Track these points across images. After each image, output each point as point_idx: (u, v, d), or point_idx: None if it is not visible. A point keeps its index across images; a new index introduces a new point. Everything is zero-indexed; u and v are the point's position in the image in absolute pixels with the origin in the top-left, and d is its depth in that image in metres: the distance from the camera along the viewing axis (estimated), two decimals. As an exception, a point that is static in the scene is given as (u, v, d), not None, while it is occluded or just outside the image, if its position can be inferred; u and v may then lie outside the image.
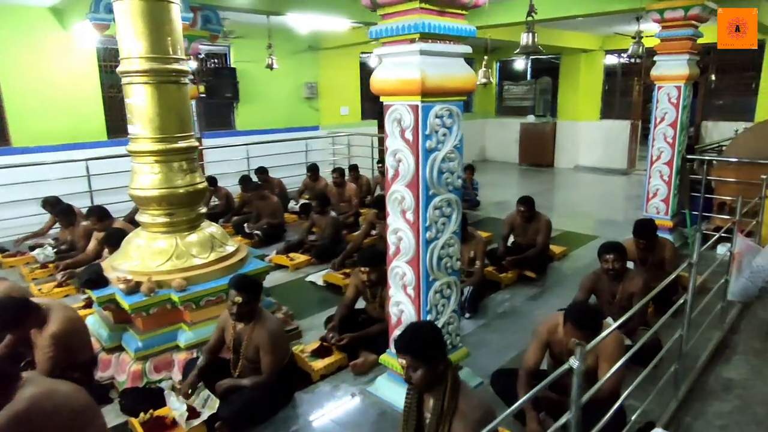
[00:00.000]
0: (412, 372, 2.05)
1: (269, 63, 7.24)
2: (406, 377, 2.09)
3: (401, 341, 2.10)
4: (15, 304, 2.95)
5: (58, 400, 2.37)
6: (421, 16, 2.53)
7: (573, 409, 1.85)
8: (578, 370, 1.79)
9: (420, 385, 2.07)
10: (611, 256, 3.55)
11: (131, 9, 3.34)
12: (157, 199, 3.56)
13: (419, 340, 2.08)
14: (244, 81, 9.02)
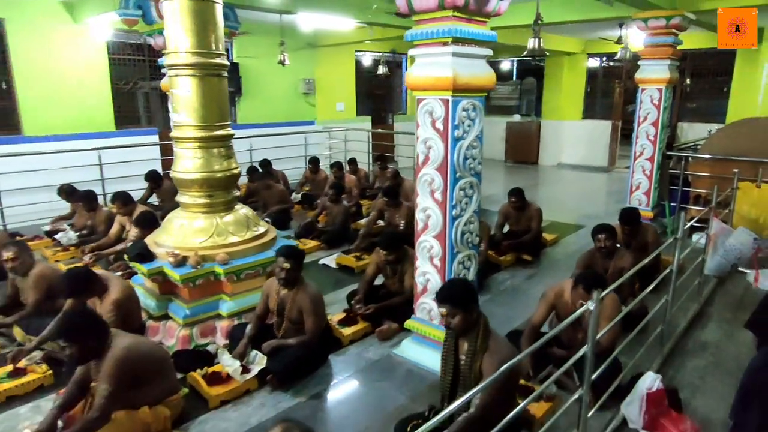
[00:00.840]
0: (451, 318, 2.46)
1: (281, 59, 7.57)
2: (446, 323, 2.50)
3: (442, 293, 2.51)
4: (84, 274, 3.27)
5: (145, 349, 2.75)
6: (454, 23, 2.95)
7: (589, 344, 2.29)
8: (594, 311, 2.23)
9: (458, 329, 2.48)
10: (603, 235, 4.03)
11: (180, 7, 3.67)
12: (198, 182, 3.91)
13: (457, 291, 2.49)
14: (246, 76, 9.31)
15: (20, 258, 3.77)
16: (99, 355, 2.58)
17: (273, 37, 7.99)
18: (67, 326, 2.52)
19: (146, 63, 8.34)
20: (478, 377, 2.46)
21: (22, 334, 3.65)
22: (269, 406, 3.08)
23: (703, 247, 4.45)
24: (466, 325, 2.47)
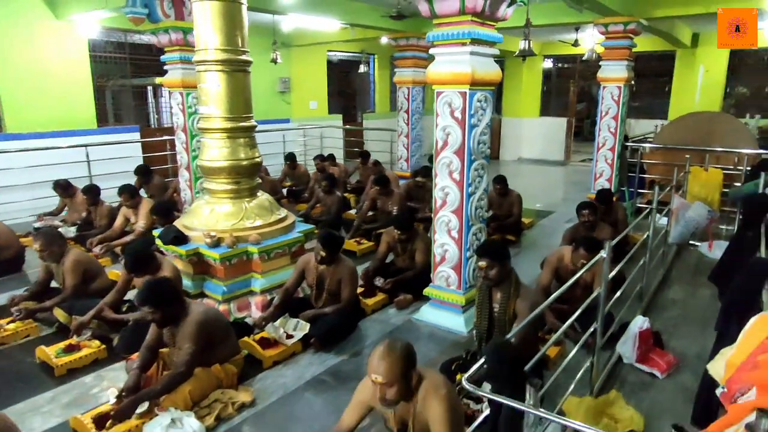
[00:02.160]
0: (490, 270, 2.93)
1: (273, 57, 7.84)
2: (484, 275, 2.96)
3: (483, 248, 2.99)
4: (146, 253, 3.55)
5: (213, 314, 3.09)
6: (472, 26, 3.45)
7: (603, 287, 2.83)
8: (607, 259, 2.77)
9: (495, 279, 2.94)
10: (587, 211, 4.65)
11: (211, 8, 3.97)
12: (226, 170, 4.21)
13: (495, 247, 2.98)
14: (224, 74, 9.45)
15: (48, 249, 3.94)
16: (177, 320, 2.89)
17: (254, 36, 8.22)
18: (155, 294, 2.82)
19: (127, 61, 8.38)
20: (512, 319, 2.95)
21: (65, 316, 3.84)
22: (317, 363, 3.46)
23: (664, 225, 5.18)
24: (501, 276, 2.95)
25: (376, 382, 1.98)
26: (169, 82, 5.74)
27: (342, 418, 2.23)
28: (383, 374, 1.94)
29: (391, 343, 2.04)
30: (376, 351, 2.02)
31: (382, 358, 1.98)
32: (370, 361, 1.99)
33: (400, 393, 2.00)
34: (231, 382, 3.09)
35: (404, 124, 9.04)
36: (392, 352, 1.99)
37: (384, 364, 1.95)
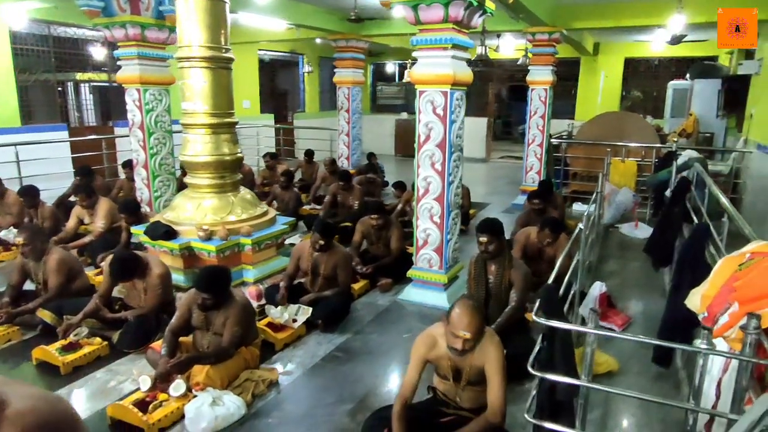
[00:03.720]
0: (490, 245, 3.35)
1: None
2: (484, 249, 3.37)
3: (484, 225, 3.39)
4: (132, 257, 3.54)
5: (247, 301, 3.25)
6: (453, 33, 3.87)
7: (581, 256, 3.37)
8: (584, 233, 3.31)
9: (494, 252, 3.37)
10: (537, 200, 5.27)
11: (195, 5, 4.05)
12: (211, 164, 4.31)
13: (495, 224, 3.42)
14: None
15: (31, 243, 3.81)
16: (221, 305, 3.03)
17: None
18: (217, 282, 2.96)
19: (50, 54, 7.87)
20: (507, 288, 3.40)
21: (52, 317, 3.72)
22: (326, 343, 3.70)
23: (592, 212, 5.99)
24: (499, 250, 3.39)
25: (465, 338, 2.22)
26: (124, 78, 5.59)
27: (405, 379, 2.48)
28: (473, 332, 2.21)
29: (472, 303, 2.34)
30: (462, 311, 2.25)
31: (472, 317, 2.23)
32: (458, 319, 2.22)
33: (476, 343, 2.33)
34: (255, 364, 3.25)
35: (345, 123, 9.33)
36: (478, 312, 2.28)
37: (474, 322, 2.22)
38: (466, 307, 2.28)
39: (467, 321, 2.24)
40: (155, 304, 3.64)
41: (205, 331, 3.11)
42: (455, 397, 2.55)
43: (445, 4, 3.74)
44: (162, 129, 5.79)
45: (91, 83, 9.23)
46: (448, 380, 2.53)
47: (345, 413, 2.94)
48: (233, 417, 2.79)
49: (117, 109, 9.19)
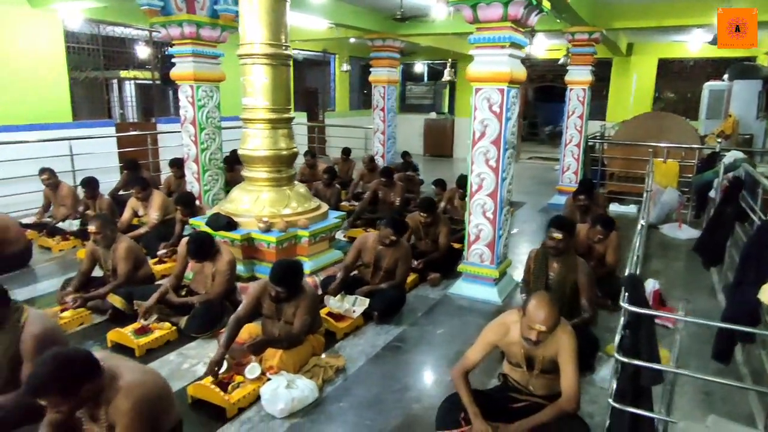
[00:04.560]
0: (561, 242, 3.39)
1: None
2: (554, 245, 3.40)
3: (560, 222, 3.43)
4: (209, 238, 3.70)
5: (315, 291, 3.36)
6: (511, 32, 3.94)
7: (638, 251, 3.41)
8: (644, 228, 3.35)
9: (563, 249, 3.42)
10: (582, 196, 5.31)
11: (259, 4, 4.19)
12: (270, 158, 4.44)
13: (570, 222, 3.47)
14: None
15: (102, 232, 3.97)
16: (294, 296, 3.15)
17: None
18: (293, 276, 3.09)
19: (99, 52, 8.12)
20: (572, 287, 3.43)
21: (122, 302, 3.88)
22: (383, 333, 3.80)
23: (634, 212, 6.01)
24: (567, 248, 3.44)
25: (540, 330, 2.29)
26: (178, 74, 5.76)
27: (466, 355, 2.57)
28: (549, 325, 2.28)
29: (549, 297, 2.41)
30: (539, 304, 2.32)
31: (549, 311, 2.30)
32: (535, 312, 2.29)
33: (549, 336, 2.40)
34: (321, 351, 3.37)
35: (380, 121, 9.43)
36: (554, 306, 2.34)
37: (551, 316, 2.29)
38: (543, 301, 2.35)
39: (544, 315, 2.31)
40: (221, 291, 3.79)
41: (275, 320, 3.23)
42: (527, 384, 2.62)
43: (505, 3, 3.82)
44: (212, 125, 5.96)
45: (136, 81, 9.46)
46: (521, 368, 2.60)
47: (412, 399, 3.03)
48: (307, 399, 2.90)
49: (159, 106, 9.45)
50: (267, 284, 3.12)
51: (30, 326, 2.56)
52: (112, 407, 2.05)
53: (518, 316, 2.51)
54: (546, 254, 3.53)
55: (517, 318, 2.51)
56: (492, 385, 2.91)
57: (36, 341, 2.53)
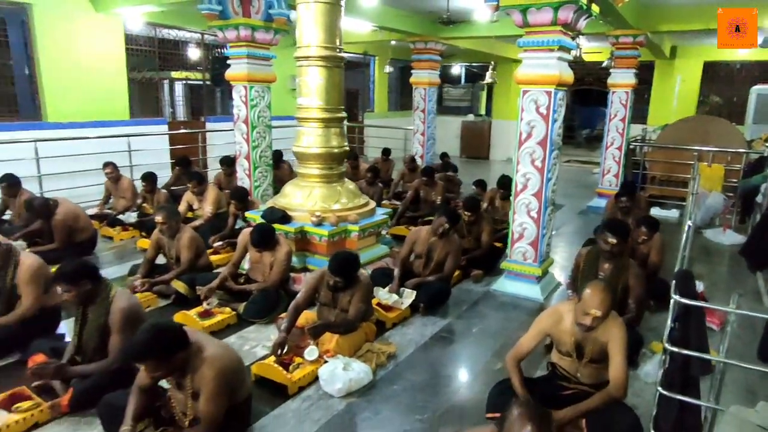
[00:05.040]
0: (616, 247, 3.45)
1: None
2: (609, 249, 3.46)
3: (614, 226, 3.51)
4: (272, 230, 3.95)
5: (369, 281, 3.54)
6: (560, 35, 4.05)
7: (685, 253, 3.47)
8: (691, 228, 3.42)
9: (617, 253, 3.48)
10: (625, 198, 5.34)
11: (315, 9, 4.41)
12: (322, 156, 4.66)
13: (626, 227, 3.55)
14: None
15: (168, 222, 4.26)
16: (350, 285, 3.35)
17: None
18: (352, 267, 3.29)
19: (155, 54, 8.54)
20: (624, 290, 3.51)
21: (185, 287, 4.15)
22: (430, 324, 3.96)
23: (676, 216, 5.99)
24: (621, 252, 3.51)
25: (595, 315, 2.41)
26: (233, 75, 6.06)
27: (520, 343, 2.70)
28: (604, 310, 2.41)
29: (604, 284, 2.54)
30: (595, 290, 2.44)
31: (604, 297, 2.42)
32: (591, 298, 2.41)
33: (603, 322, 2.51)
34: (373, 338, 3.55)
35: (420, 122, 9.59)
36: (609, 293, 2.47)
37: (606, 302, 2.41)
38: (598, 287, 2.48)
39: (599, 300, 2.43)
40: (278, 279, 4.02)
41: (331, 308, 3.43)
42: (575, 373, 2.73)
43: (555, 7, 3.93)
44: (263, 123, 6.24)
45: (188, 81, 9.88)
46: (570, 357, 2.72)
47: (462, 385, 3.19)
48: (363, 381, 3.09)
49: (206, 105, 9.85)
50: (325, 273, 3.32)
51: (117, 302, 2.83)
52: (197, 375, 2.28)
53: (571, 306, 2.64)
54: (598, 254, 3.61)
55: (571, 307, 2.65)
56: (539, 375, 3.04)
57: (123, 315, 2.79)
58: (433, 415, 2.88)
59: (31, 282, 3.35)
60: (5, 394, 2.77)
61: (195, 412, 2.34)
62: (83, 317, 2.90)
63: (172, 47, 8.85)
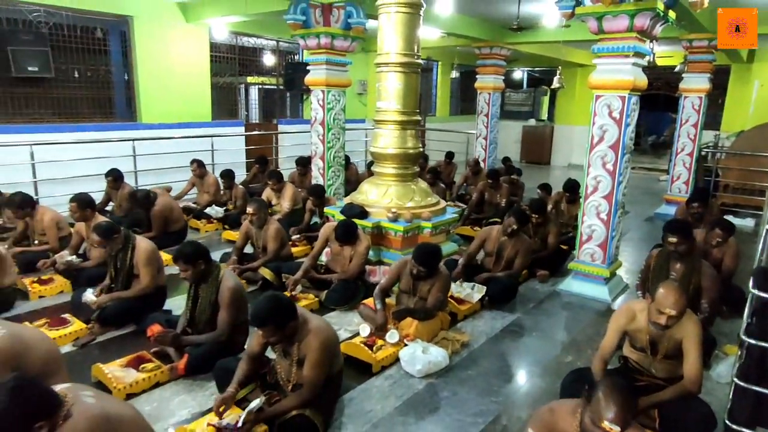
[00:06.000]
0: (680, 246, 3.52)
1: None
2: (674, 249, 3.55)
3: (675, 226, 3.60)
4: (354, 225, 4.29)
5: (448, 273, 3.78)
6: (635, 42, 4.14)
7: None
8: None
9: (685, 252, 3.56)
10: (697, 203, 5.31)
11: (396, 18, 4.69)
12: (398, 156, 4.92)
13: (686, 225, 3.63)
14: (314, 75, 10.22)
15: (258, 214, 4.66)
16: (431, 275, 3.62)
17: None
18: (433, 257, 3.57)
19: (236, 61, 9.15)
20: (696, 289, 3.56)
21: (271, 274, 4.54)
22: (500, 318, 4.16)
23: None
24: (689, 250, 3.58)
25: (669, 315, 2.51)
26: (312, 80, 6.46)
27: (602, 346, 2.80)
28: (678, 310, 2.51)
29: (678, 285, 2.67)
30: (669, 291, 2.54)
31: (679, 297, 2.53)
32: (665, 298, 2.51)
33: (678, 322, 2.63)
34: (447, 327, 3.79)
35: (483, 127, 9.73)
36: (683, 293, 2.58)
37: (681, 302, 2.52)
38: (672, 288, 2.59)
39: (674, 300, 2.53)
40: (357, 271, 4.34)
41: (411, 295, 3.70)
42: (649, 367, 2.85)
43: (632, 14, 4.03)
44: (338, 126, 6.60)
45: (264, 86, 10.49)
46: (644, 352, 2.84)
47: (534, 373, 3.37)
48: (441, 364, 3.32)
49: (279, 108, 10.41)
50: (409, 262, 3.59)
51: (226, 281, 3.21)
52: (303, 344, 2.59)
53: (644, 305, 2.76)
54: (668, 255, 3.69)
55: (644, 306, 2.76)
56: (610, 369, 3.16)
57: (231, 293, 3.17)
58: (507, 398, 3.08)
59: (147, 263, 3.80)
60: (132, 356, 3.20)
61: (297, 379, 2.66)
62: (195, 294, 3.30)
63: (250, 54, 9.45)
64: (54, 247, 4.81)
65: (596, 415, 1.87)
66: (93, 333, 3.66)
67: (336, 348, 2.79)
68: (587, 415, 1.92)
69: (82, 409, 1.75)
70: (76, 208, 4.42)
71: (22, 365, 2.23)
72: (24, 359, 2.28)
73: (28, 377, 1.72)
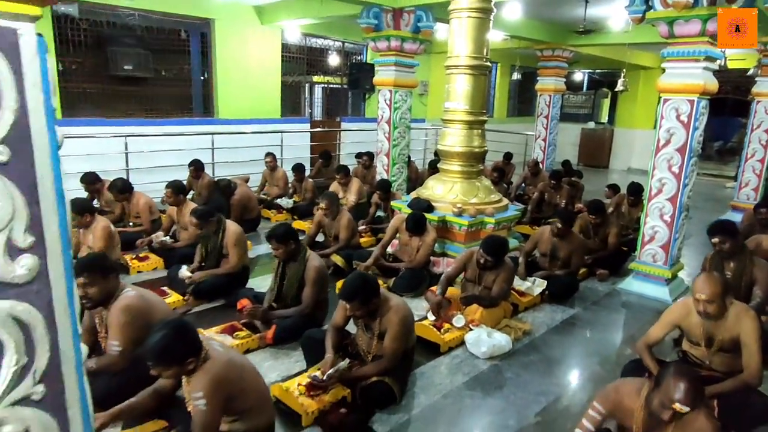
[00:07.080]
0: (723, 245, 3.61)
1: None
2: (719, 249, 3.64)
3: (716, 227, 3.68)
4: (424, 217, 4.56)
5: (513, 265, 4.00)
6: (706, 46, 4.21)
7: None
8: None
9: (729, 251, 3.63)
10: (765, 209, 5.25)
11: (467, 23, 4.93)
12: (464, 154, 5.16)
13: (726, 225, 3.70)
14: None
15: (330, 207, 5.01)
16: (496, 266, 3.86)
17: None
18: (500, 248, 3.79)
19: (304, 61, 9.63)
20: (748, 284, 3.65)
21: (342, 261, 4.88)
22: (560, 311, 4.33)
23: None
24: (734, 250, 3.65)
25: (700, 299, 2.67)
26: (381, 81, 6.80)
27: (649, 332, 2.97)
28: (708, 293, 2.64)
29: (714, 274, 2.81)
30: (702, 278, 2.71)
31: (708, 282, 2.68)
32: (696, 284, 2.69)
33: (718, 309, 2.76)
34: (509, 316, 4.01)
35: (542, 128, 9.79)
36: (715, 279, 2.73)
37: (708, 286, 2.66)
38: (706, 275, 2.75)
39: (701, 285, 2.68)
40: (423, 261, 4.61)
41: (476, 284, 3.94)
42: (706, 360, 2.98)
43: (705, 19, 4.10)
44: (403, 125, 6.90)
45: (329, 85, 10.95)
46: (700, 346, 2.96)
47: (595, 362, 3.54)
48: (504, 348, 3.55)
49: (341, 106, 10.84)
50: (476, 253, 3.84)
51: (312, 261, 3.56)
52: (385, 319, 2.89)
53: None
54: (721, 256, 3.77)
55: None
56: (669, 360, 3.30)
57: (316, 272, 3.52)
58: (568, 382, 3.27)
59: (236, 244, 4.23)
60: (226, 324, 3.61)
61: (377, 350, 2.96)
62: (282, 272, 3.67)
63: (317, 54, 9.90)
64: (146, 229, 5.35)
65: (666, 397, 1.98)
66: (189, 305, 4.11)
67: (412, 324, 3.08)
68: (657, 397, 2.04)
69: (215, 355, 2.14)
70: (171, 193, 4.93)
71: (150, 321, 2.64)
72: (151, 316, 2.72)
73: (186, 321, 2.11)
